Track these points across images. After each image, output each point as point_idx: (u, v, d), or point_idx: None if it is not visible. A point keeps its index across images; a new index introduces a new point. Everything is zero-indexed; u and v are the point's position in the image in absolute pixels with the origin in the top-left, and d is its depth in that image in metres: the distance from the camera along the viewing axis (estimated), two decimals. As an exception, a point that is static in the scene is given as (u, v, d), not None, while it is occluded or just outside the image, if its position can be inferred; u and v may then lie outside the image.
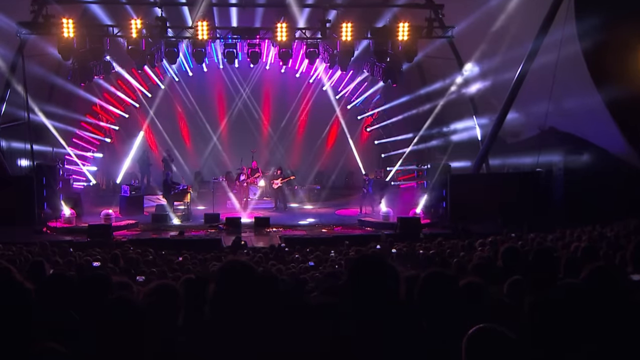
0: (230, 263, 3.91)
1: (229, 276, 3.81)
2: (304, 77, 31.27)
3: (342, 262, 13.28)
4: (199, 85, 30.74)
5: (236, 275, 3.80)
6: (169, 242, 19.99)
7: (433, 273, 4.09)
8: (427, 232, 21.75)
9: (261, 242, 20.31)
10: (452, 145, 26.74)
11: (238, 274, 3.80)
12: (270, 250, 16.46)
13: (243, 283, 3.75)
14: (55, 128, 26.09)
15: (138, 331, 3.38)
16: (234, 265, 3.86)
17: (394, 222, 22.78)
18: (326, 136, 31.92)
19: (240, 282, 3.76)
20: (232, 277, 3.80)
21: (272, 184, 27.74)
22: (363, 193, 26.70)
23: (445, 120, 27.45)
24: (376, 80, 29.27)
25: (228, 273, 3.82)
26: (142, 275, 11.31)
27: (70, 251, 15.33)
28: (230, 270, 3.84)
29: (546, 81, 19.65)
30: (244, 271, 3.82)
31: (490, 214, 22.06)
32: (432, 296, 3.93)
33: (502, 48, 22.16)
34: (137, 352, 3.35)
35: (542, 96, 20.49)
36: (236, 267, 3.84)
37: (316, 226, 23.76)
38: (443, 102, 26.32)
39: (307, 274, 11.02)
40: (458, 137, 26.90)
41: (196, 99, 30.61)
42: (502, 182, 24.28)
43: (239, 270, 3.82)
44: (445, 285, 4.00)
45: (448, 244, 15.67)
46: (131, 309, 3.44)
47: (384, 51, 24.91)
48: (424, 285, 3.98)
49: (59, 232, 21.94)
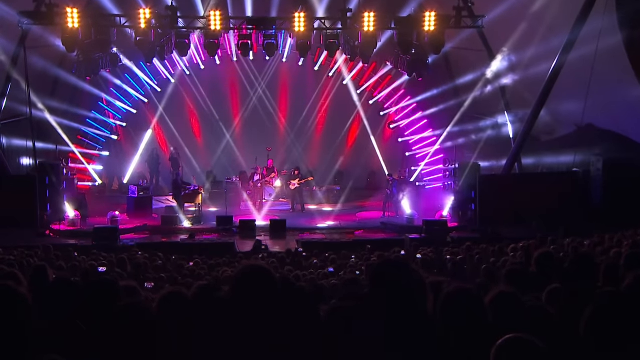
0: (248, 267, 3.90)
1: (246, 281, 3.79)
2: (323, 71, 31.25)
3: (363, 268, 13.27)
4: (211, 79, 30.81)
5: (254, 280, 3.77)
6: (179, 247, 20.07)
7: (455, 291, 4.05)
8: (454, 236, 21.68)
9: (277, 247, 20.33)
10: (481, 143, 26.62)
11: (256, 279, 3.78)
12: (286, 255, 16.46)
13: (261, 290, 3.73)
14: (59, 124, 26.27)
15: (150, 341, 3.39)
16: (253, 269, 3.85)
17: (419, 226, 22.71)
18: (346, 133, 31.88)
19: (258, 288, 3.74)
20: (250, 282, 3.78)
21: (289, 184, 27.77)
22: (386, 194, 26.63)
23: (475, 116, 27.34)
24: (400, 74, 29.19)
25: (245, 278, 3.81)
26: (150, 281, 11.36)
27: (74, 255, 15.41)
28: (248, 275, 3.82)
29: (584, 74, 19.52)
30: (263, 277, 3.80)
31: (522, 217, 21.95)
32: (455, 315, 3.90)
33: (536, 38, 22.03)
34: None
35: (580, 90, 20.35)
36: (255, 272, 3.82)
37: (336, 230, 23.75)
38: (472, 97, 26.21)
39: (325, 281, 11.02)
40: (488, 135, 26.79)
41: (208, 94, 30.69)
42: (535, 183, 24.15)
43: (258, 276, 3.80)
44: (468, 304, 3.96)
45: (477, 249, 15.60)
46: (144, 316, 3.44)
47: (408, 42, 24.80)
48: (445, 303, 3.95)
49: (63, 235, 22.09)
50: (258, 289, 3.75)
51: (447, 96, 28.60)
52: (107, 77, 28.89)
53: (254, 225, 22.96)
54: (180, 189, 25.22)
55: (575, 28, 20.84)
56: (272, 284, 3.82)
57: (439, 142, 28.92)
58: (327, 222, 25.01)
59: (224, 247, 20.08)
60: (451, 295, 3.99)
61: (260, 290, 3.75)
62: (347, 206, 28.72)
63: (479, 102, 26.25)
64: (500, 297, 4.35)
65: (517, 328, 3.43)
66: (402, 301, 3.74)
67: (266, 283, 3.79)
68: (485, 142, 26.58)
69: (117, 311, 3.51)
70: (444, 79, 28.53)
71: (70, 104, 27.99)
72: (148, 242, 20.89)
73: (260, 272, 3.84)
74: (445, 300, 3.96)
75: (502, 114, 26.23)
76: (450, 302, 3.95)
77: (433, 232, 21.49)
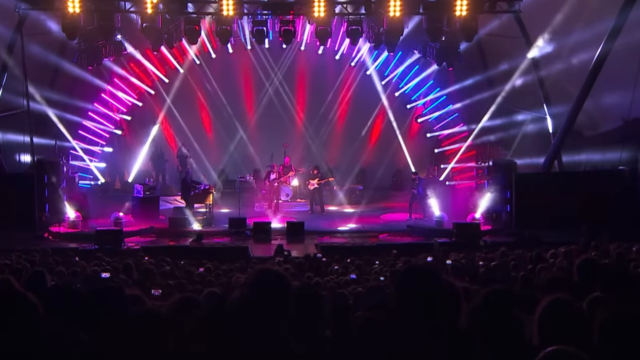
0: (262, 273, 3.89)
1: (259, 289, 3.78)
2: (345, 60, 31.22)
3: (388, 275, 13.25)
4: (223, 69, 30.87)
5: (268, 288, 3.76)
6: (188, 251, 20.12)
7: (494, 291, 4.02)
8: (488, 240, 21.63)
9: (295, 251, 20.34)
10: (518, 139, 26.49)
11: (270, 287, 3.77)
12: (305, 261, 16.46)
13: (276, 298, 3.72)
14: (59, 118, 26.43)
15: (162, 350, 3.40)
16: (267, 275, 3.84)
17: (449, 229, 22.69)
18: (370, 128, 31.83)
19: (272, 297, 3.73)
20: (263, 290, 3.77)
21: (308, 184, 27.76)
22: (413, 194, 26.54)
23: (511, 109, 27.20)
24: (429, 63, 29.11)
25: (259, 285, 3.80)
26: (157, 288, 11.40)
27: (75, 260, 15.50)
28: (261, 281, 3.81)
29: (631, 63, 19.38)
30: (277, 284, 3.79)
31: (563, 219, 21.81)
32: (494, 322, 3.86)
33: (579, 24, 21.88)
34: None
35: (627, 81, 20.21)
36: (269, 279, 3.81)
37: (358, 233, 23.74)
38: (508, 89, 26.08)
39: (347, 289, 11.01)
40: (525, 130, 26.65)
41: (220, 85, 30.76)
42: (577, 182, 24.00)
43: (272, 283, 3.79)
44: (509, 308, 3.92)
45: (513, 255, 15.54)
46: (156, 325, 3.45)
47: (438, 29, 24.71)
48: (483, 306, 3.92)
49: (63, 238, 22.23)
50: (272, 297, 3.73)
51: (480, 87, 28.46)
52: (111, 66, 28.99)
53: (269, 228, 22.99)
54: (190, 188, 25.30)
55: (622, 12, 20.67)
56: (287, 291, 3.80)
57: (471, 138, 28.77)
58: (349, 224, 25.03)
59: (237, 251, 20.13)
60: (490, 299, 3.96)
61: (274, 298, 3.73)
62: (370, 207, 28.67)
63: (515, 94, 26.11)
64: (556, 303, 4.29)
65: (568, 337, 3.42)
66: (431, 312, 3.72)
67: (280, 291, 3.78)
68: (522, 137, 26.46)
69: (128, 320, 3.52)
70: (476, 69, 28.39)
71: (70, 95, 28.13)
72: (154, 245, 21.00)
73: (275, 278, 3.83)
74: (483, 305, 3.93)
75: (540, 107, 26.06)
76: (490, 303, 3.92)
77: (464, 235, 21.46)
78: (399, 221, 25.78)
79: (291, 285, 3.89)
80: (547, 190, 23.24)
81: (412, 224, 24.76)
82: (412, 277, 3.89)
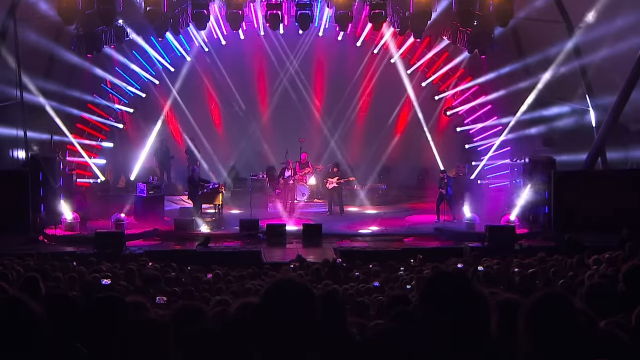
0: (281, 283, 3.86)
1: (277, 300, 3.76)
2: (367, 47, 31.20)
3: (414, 283, 13.24)
4: (234, 58, 30.89)
5: (288, 300, 3.73)
6: (196, 256, 20.19)
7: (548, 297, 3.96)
8: (524, 244, 21.58)
9: (312, 256, 20.36)
10: (558, 134, 26.38)
11: (291, 298, 3.74)
12: (323, 267, 16.48)
13: (296, 312, 3.69)
14: (55, 110, 26.50)
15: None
16: (288, 286, 3.81)
17: (481, 232, 22.63)
18: (394, 122, 31.79)
19: (292, 309, 3.69)
20: (283, 302, 3.74)
21: (327, 183, 27.74)
22: (441, 195, 26.48)
23: (550, 101, 27.09)
24: (460, 51, 29.03)
25: (277, 296, 3.77)
26: (162, 295, 11.44)
27: (73, 265, 15.58)
28: (280, 292, 3.79)
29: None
30: (299, 296, 3.76)
31: (607, 221, 21.70)
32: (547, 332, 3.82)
33: (625, 7, 21.77)
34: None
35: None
36: (290, 289, 3.79)
37: (381, 237, 23.74)
38: (547, 78, 25.98)
39: (369, 297, 11.01)
40: (566, 124, 26.55)
41: (231, 75, 30.78)
42: (623, 181, 23.90)
43: (293, 294, 3.76)
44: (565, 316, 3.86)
45: (552, 261, 15.52)
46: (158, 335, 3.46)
47: (470, 13, 24.64)
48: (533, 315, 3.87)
49: (60, 242, 22.34)
50: (292, 310, 3.70)
51: (516, 77, 28.33)
52: (112, 54, 29.05)
53: (284, 230, 23.01)
54: (197, 187, 25.36)
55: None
56: (311, 304, 3.77)
57: (506, 133, 28.68)
58: (371, 227, 25.04)
59: (249, 256, 20.21)
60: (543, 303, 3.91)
61: (294, 311, 3.70)
62: (394, 209, 28.68)
63: (554, 85, 26.02)
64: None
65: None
66: (462, 324, 3.69)
67: (303, 303, 3.75)
68: (562, 132, 26.36)
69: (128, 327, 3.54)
70: (512, 57, 28.26)
71: (68, 86, 28.18)
72: (159, 250, 21.07)
73: (295, 289, 3.81)
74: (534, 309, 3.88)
75: (583, 98, 25.94)
76: (542, 312, 3.87)
77: (498, 240, 21.41)
78: (426, 224, 25.76)
79: (316, 297, 3.85)
80: (589, 190, 23.14)
81: (441, 227, 24.72)
82: (441, 285, 3.85)
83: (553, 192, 23.65)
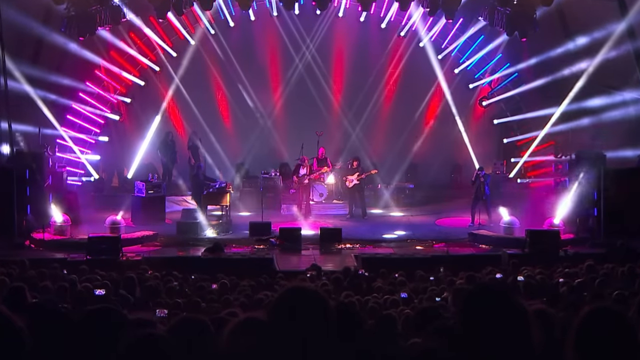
0: (293, 292, 3.86)
1: (289, 311, 3.76)
2: (393, 29, 31.19)
3: (445, 294, 13.21)
4: (243, 41, 30.98)
5: (302, 310, 3.73)
6: (201, 263, 20.20)
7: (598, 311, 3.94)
8: (570, 251, 21.47)
9: (330, 264, 20.34)
10: (608, 127, 26.27)
11: (304, 308, 3.74)
12: (343, 276, 16.45)
13: (311, 323, 3.69)
14: (43, 100, 26.56)
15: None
16: (300, 294, 3.80)
17: (521, 237, 22.55)
18: (423, 113, 31.78)
19: (306, 321, 3.70)
20: (296, 312, 3.74)
21: (346, 181, 27.71)
22: (476, 195, 26.44)
23: (600, 89, 26.98)
24: (497, 33, 28.96)
25: (290, 306, 3.77)
26: (163, 307, 11.46)
27: (63, 274, 15.62)
28: (293, 301, 3.78)
29: None
30: (313, 306, 3.76)
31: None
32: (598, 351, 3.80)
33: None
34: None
35: None
36: (303, 299, 3.78)
37: (408, 242, 23.72)
38: (596, 64, 25.88)
39: (395, 310, 10.98)
40: (618, 115, 26.42)
41: (240, 61, 30.83)
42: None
43: (307, 303, 3.76)
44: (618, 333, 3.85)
45: (602, 269, 15.43)
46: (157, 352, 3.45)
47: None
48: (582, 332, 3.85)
49: (48, 247, 22.37)
50: (305, 321, 3.70)
51: (561, 63, 28.23)
52: (107, 37, 29.13)
53: (299, 235, 22.99)
54: (202, 186, 25.40)
55: None
56: (325, 316, 3.77)
57: (550, 125, 28.59)
58: (397, 231, 25.01)
59: (260, 264, 20.16)
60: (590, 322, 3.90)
61: (308, 323, 3.70)
62: (423, 210, 28.69)
63: (605, 71, 25.90)
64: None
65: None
66: (505, 343, 3.67)
67: (317, 314, 3.75)
68: (613, 124, 26.22)
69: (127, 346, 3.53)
70: (556, 40, 28.17)
71: (57, 72, 28.26)
72: (159, 256, 21.06)
73: (310, 298, 3.80)
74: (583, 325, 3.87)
75: (636, 86, 25.81)
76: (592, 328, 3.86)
77: (540, 246, 21.31)
78: (459, 228, 25.74)
79: (332, 308, 3.85)
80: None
81: (475, 231, 24.63)
82: (480, 298, 3.84)
83: (603, 192, 23.52)
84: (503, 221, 24.47)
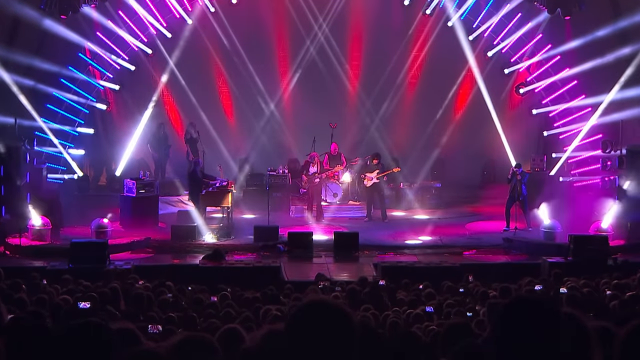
0: (313, 306, 3.85)
1: (309, 326, 3.74)
2: (417, 6, 31.18)
3: (478, 308, 13.18)
4: (248, 20, 30.99)
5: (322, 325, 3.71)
6: (199, 272, 20.23)
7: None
8: (620, 259, 21.42)
9: (345, 273, 20.35)
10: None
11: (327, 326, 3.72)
12: (360, 286, 16.46)
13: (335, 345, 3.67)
14: (20, 87, 26.61)
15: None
16: (320, 308, 3.79)
17: (563, 244, 22.52)
18: (452, 102, 31.74)
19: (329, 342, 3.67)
20: (315, 328, 3.72)
21: (364, 179, 27.69)
22: (511, 195, 26.40)
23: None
24: (537, 11, 28.91)
25: (308, 321, 3.75)
26: (155, 323, 11.45)
27: (42, 284, 15.64)
28: (313, 316, 3.77)
29: None
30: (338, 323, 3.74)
31: None
32: None
33: None
34: None
35: None
36: (324, 313, 3.76)
37: (434, 248, 23.70)
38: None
39: (418, 326, 10.96)
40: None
41: (243, 42, 30.86)
42: None
43: (328, 318, 3.74)
44: None
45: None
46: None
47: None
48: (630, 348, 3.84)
49: (25, 254, 22.46)
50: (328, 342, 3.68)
51: (609, 45, 28.18)
52: (92, 16, 29.17)
53: (311, 240, 23.02)
54: (201, 185, 25.43)
55: None
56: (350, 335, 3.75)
57: (597, 116, 28.54)
58: (421, 236, 25.01)
59: (266, 273, 20.20)
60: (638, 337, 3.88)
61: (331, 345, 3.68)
62: (451, 212, 28.70)
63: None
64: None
65: None
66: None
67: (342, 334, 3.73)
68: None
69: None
70: (605, 18, 28.13)
71: (36, 56, 28.32)
72: (152, 264, 21.13)
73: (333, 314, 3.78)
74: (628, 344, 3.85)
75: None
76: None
77: (586, 253, 21.28)
78: (492, 232, 25.77)
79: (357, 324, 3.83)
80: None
81: (511, 236, 24.65)
82: (519, 313, 3.79)
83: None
84: (543, 225, 24.46)
